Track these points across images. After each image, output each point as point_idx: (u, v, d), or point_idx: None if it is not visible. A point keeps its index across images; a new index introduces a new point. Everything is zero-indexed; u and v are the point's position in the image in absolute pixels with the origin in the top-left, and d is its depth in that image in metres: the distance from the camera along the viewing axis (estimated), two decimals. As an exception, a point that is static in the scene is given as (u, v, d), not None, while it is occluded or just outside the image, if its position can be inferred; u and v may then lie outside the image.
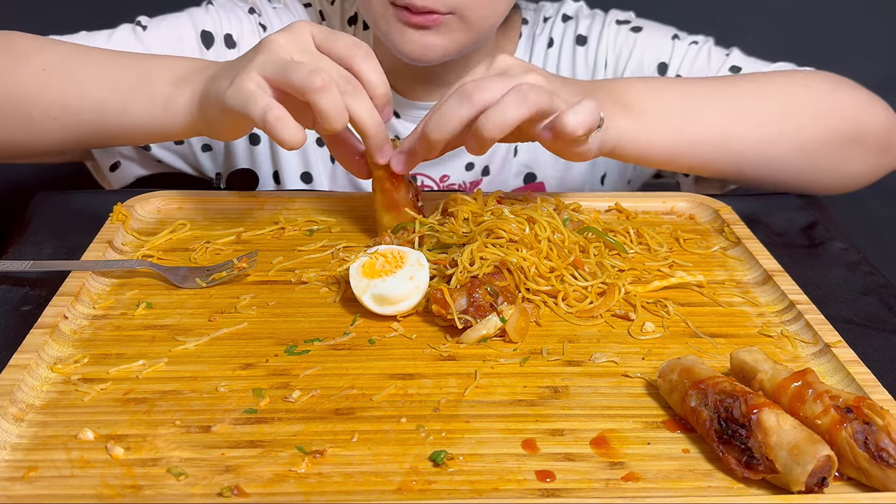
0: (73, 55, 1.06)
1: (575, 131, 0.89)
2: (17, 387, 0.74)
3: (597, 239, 0.99)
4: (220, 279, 0.93)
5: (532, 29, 1.35)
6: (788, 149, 1.12)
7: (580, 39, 1.33)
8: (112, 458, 0.68)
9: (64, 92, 1.04)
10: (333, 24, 1.34)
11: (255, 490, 0.65)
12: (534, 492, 0.66)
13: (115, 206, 1.05)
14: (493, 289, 0.86)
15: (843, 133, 1.14)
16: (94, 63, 1.05)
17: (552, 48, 1.34)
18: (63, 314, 0.85)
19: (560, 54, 1.34)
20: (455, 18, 1.13)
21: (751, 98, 1.12)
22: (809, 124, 1.12)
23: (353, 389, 0.77)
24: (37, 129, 1.06)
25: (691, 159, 1.11)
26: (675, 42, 1.30)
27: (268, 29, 1.31)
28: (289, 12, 1.34)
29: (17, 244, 1.02)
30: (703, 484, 0.68)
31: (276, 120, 0.85)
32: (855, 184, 1.22)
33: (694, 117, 1.08)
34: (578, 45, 1.33)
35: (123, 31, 1.23)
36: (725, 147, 1.10)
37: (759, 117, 1.11)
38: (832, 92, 1.16)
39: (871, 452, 0.66)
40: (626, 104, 1.05)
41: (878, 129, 1.17)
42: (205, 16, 1.28)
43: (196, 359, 0.81)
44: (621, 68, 1.31)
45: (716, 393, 0.71)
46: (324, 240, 1.03)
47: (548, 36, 1.35)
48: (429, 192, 1.18)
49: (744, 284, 0.97)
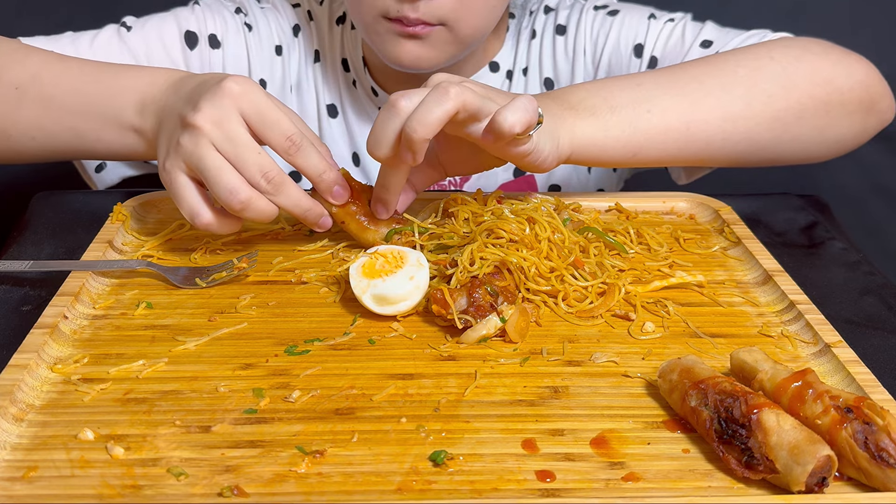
0: (43, 69, 1.04)
1: (512, 128, 0.87)
2: (17, 387, 0.74)
3: (597, 239, 0.99)
4: (220, 279, 0.93)
5: (518, 23, 1.35)
6: (760, 122, 1.08)
7: (560, 29, 1.33)
8: (112, 458, 0.68)
9: (38, 115, 1.03)
10: (322, 25, 1.34)
11: (255, 490, 0.65)
12: (534, 492, 0.66)
13: (115, 206, 1.05)
14: (493, 289, 0.86)
15: (819, 98, 1.10)
16: (65, 82, 1.03)
17: (535, 40, 1.34)
18: (63, 314, 0.85)
19: (542, 46, 1.34)
20: (444, 31, 1.13)
21: (708, 79, 1.08)
22: (781, 94, 1.08)
23: (353, 389, 0.77)
24: (14, 145, 1.05)
25: (656, 151, 1.07)
26: (650, 21, 1.28)
27: (253, 29, 1.29)
28: (276, 12, 1.33)
29: (16, 244, 1.02)
30: (703, 484, 0.68)
31: (205, 227, 0.93)
32: (842, 148, 1.16)
33: (646, 105, 1.05)
34: (558, 35, 1.33)
35: (108, 32, 1.22)
36: (690, 132, 1.06)
37: (719, 97, 1.07)
38: (800, 57, 1.11)
39: (871, 452, 0.66)
40: (573, 105, 1.03)
41: (858, 89, 1.12)
42: (189, 16, 1.27)
43: (196, 359, 0.81)
44: (598, 53, 1.30)
45: (716, 393, 0.71)
46: (324, 240, 1.03)
47: (531, 28, 1.35)
48: (429, 192, 1.18)
49: (744, 284, 0.97)
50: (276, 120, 0.91)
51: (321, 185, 0.95)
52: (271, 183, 0.91)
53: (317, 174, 0.94)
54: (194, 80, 0.97)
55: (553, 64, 1.34)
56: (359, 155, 1.35)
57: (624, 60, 1.29)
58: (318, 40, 1.34)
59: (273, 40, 1.32)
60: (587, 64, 1.32)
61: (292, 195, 0.93)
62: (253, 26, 1.30)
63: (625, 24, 1.30)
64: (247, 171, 0.90)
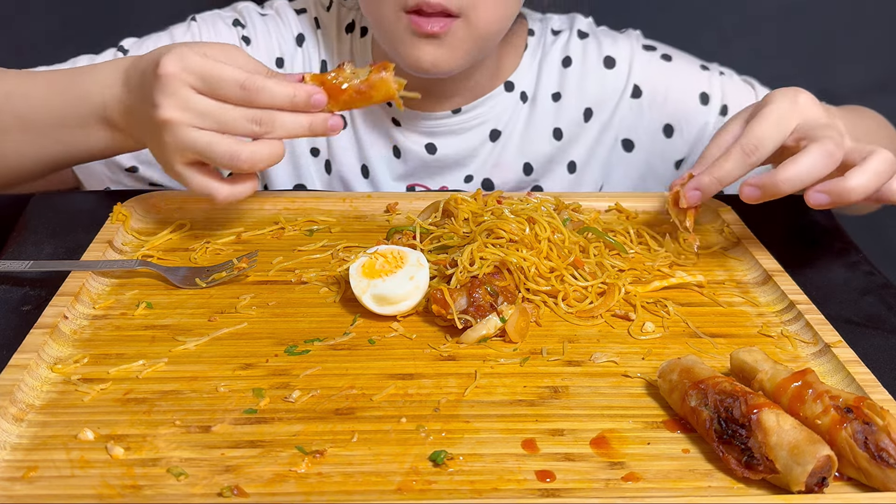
0: (15, 88, 1.04)
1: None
2: (17, 387, 0.74)
3: (597, 239, 0.99)
4: (220, 279, 0.93)
5: (539, 40, 1.32)
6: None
7: (608, 62, 1.30)
8: (112, 458, 0.68)
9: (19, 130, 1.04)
10: (329, 33, 1.30)
11: (255, 490, 0.65)
12: (534, 492, 0.66)
13: (115, 206, 1.05)
14: (493, 289, 0.86)
15: None
16: (34, 97, 1.04)
17: (570, 68, 1.30)
18: (63, 314, 0.85)
19: (584, 75, 1.30)
20: (461, 25, 1.11)
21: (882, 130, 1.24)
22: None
23: (353, 389, 0.77)
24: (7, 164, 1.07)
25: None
26: (706, 73, 1.30)
27: (252, 42, 1.27)
28: (278, 21, 1.30)
29: (16, 244, 1.02)
30: (703, 484, 0.68)
31: (226, 200, 0.95)
32: None
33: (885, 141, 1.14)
34: (607, 68, 1.30)
35: (106, 56, 1.22)
36: None
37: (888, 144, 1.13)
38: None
39: (871, 452, 0.66)
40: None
41: None
42: (185, 34, 1.25)
43: (196, 359, 0.81)
44: (660, 98, 1.30)
45: (716, 393, 0.71)
46: (324, 240, 1.03)
47: (562, 52, 1.31)
48: (430, 193, 1.18)
49: (744, 284, 0.97)
50: (220, 76, 0.91)
51: (299, 107, 0.93)
52: (262, 124, 0.92)
53: (288, 102, 0.93)
54: (136, 70, 0.97)
55: (600, 95, 1.30)
56: (368, 168, 1.30)
57: (690, 107, 1.29)
58: (326, 49, 1.30)
59: (273, 52, 1.28)
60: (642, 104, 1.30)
61: (287, 122, 0.93)
62: (251, 39, 1.27)
63: (682, 71, 1.31)
64: (235, 129, 0.91)
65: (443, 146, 1.28)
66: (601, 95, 1.31)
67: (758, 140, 0.93)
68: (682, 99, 1.30)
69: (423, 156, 1.28)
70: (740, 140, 0.94)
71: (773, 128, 0.93)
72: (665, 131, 1.31)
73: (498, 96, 1.29)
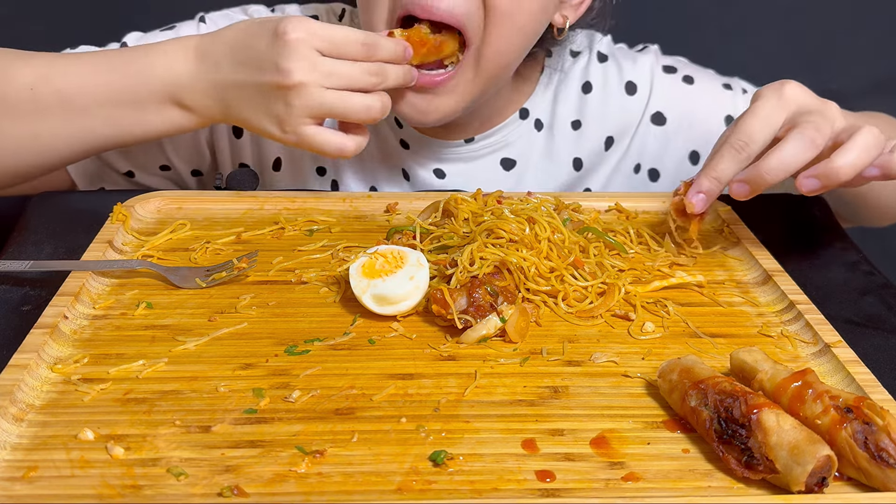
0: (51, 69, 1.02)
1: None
2: (17, 387, 0.74)
3: (597, 239, 0.99)
4: (220, 279, 0.93)
5: (557, 63, 1.27)
6: None
7: (630, 88, 1.28)
8: (112, 458, 0.68)
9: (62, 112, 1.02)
10: None
11: (255, 490, 0.65)
12: (534, 492, 0.66)
13: (115, 206, 1.05)
14: (493, 289, 0.86)
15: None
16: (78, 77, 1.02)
17: (591, 94, 1.28)
18: (63, 314, 0.85)
19: (606, 102, 1.27)
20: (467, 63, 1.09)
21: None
22: None
23: (353, 389, 0.77)
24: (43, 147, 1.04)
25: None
26: (729, 93, 1.29)
27: None
28: None
29: (16, 244, 1.02)
30: (703, 484, 0.68)
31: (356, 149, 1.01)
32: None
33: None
34: (628, 94, 1.28)
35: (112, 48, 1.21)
36: None
37: None
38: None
39: (871, 452, 0.66)
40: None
41: None
42: (193, 32, 1.23)
43: (196, 359, 0.81)
44: (685, 124, 1.28)
45: (716, 393, 0.71)
46: (324, 240, 1.03)
47: (581, 78, 1.28)
48: (430, 193, 1.18)
49: (744, 284, 0.97)
50: (344, 37, 0.98)
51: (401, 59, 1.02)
52: (378, 74, 0.99)
53: (399, 55, 1.02)
54: (224, 44, 0.99)
55: (622, 123, 1.28)
56: (377, 189, 1.28)
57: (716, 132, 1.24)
58: None
59: None
60: (667, 131, 1.28)
61: (392, 73, 1.01)
62: None
63: (706, 94, 1.29)
64: (359, 84, 0.98)
65: (452, 172, 1.26)
66: (623, 123, 1.28)
67: (747, 136, 0.92)
68: (707, 123, 1.27)
69: (432, 181, 1.27)
70: (729, 138, 0.94)
71: (762, 121, 0.93)
72: (691, 158, 1.29)
73: (512, 124, 1.26)
